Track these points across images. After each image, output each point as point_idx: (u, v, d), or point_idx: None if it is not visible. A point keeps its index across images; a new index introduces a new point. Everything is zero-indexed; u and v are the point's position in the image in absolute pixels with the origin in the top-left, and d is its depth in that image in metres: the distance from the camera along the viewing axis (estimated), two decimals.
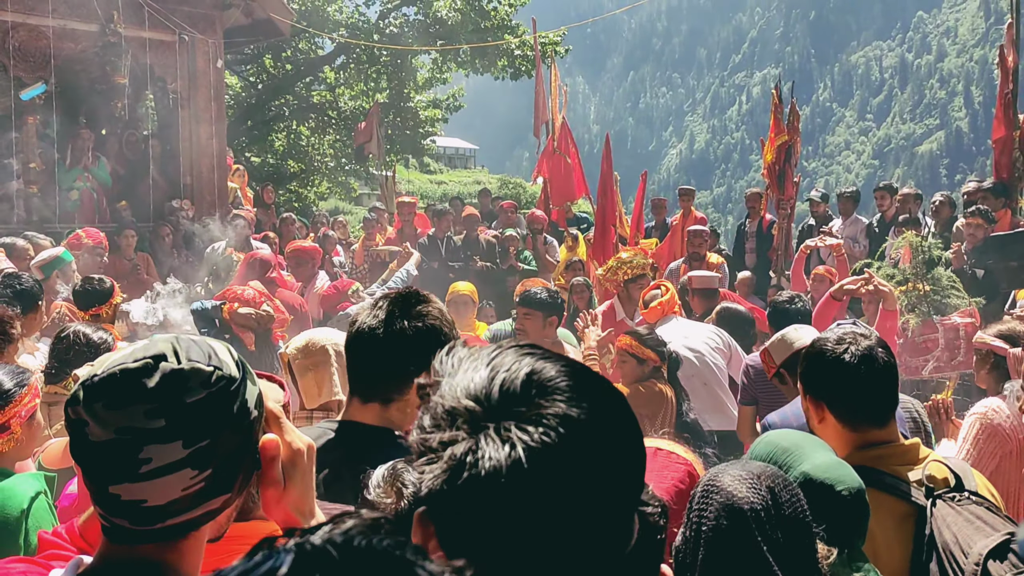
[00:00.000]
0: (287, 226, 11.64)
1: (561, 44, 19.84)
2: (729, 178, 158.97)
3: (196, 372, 1.28)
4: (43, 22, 10.60)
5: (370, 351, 2.31)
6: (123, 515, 1.28)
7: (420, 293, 2.39)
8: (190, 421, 1.26)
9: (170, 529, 1.29)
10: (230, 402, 1.31)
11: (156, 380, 1.26)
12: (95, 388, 1.27)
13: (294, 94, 21.38)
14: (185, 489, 1.27)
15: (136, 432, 1.24)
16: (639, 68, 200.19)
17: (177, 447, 1.25)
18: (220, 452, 1.29)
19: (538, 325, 5.32)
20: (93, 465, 1.28)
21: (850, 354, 2.46)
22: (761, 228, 11.60)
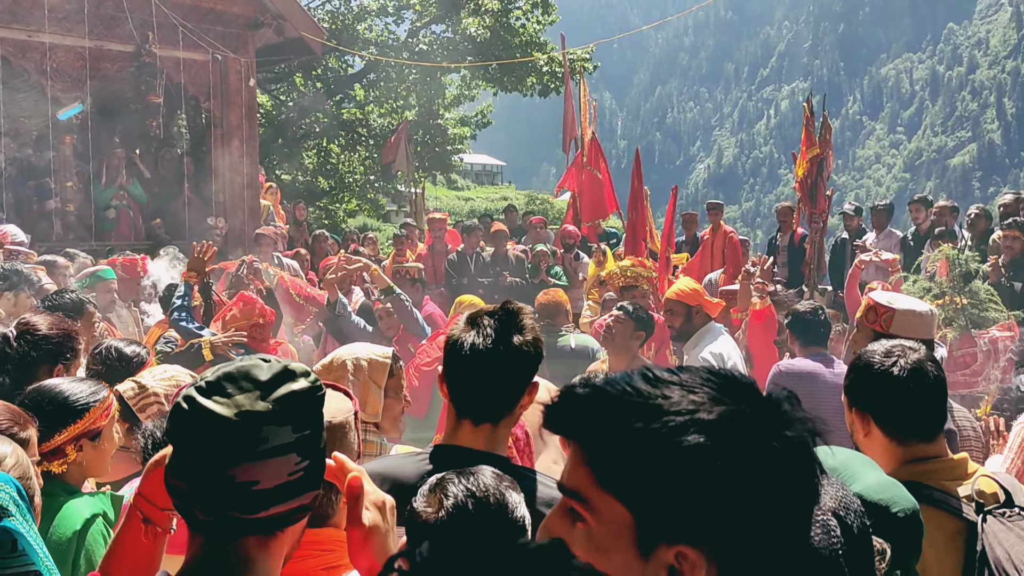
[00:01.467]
0: (319, 243, 11.70)
1: (589, 60, 19.88)
2: (758, 192, 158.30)
3: (298, 367, 1.47)
4: (80, 43, 10.77)
5: (486, 370, 2.26)
6: (232, 501, 1.39)
7: (521, 306, 2.35)
8: (296, 408, 1.43)
9: (271, 520, 1.42)
10: (321, 400, 1.48)
11: (267, 372, 1.43)
12: (213, 383, 1.42)
13: (324, 112, 21.57)
14: (290, 475, 1.41)
15: (254, 415, 1.39)
16: (666, 83, 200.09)
17: (287, 431, 1.41)
18: (316, 444, 1.46)
19: (626, 332, 5.42)
20: (211, 450, 1.39)
21: (899, 368, 2.42)
22: (793, 242, 11.53)
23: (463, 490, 1.88)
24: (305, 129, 21.52)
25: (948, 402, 2.60)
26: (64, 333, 3.37)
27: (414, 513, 1.89)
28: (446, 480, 1.92)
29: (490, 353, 2.24)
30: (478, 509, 1.86)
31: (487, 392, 2.28)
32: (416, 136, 19.50)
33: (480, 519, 1.85)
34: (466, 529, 1.83)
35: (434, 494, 1.90)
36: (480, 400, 2.30)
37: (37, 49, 10.57)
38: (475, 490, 1.89)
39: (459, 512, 1.85)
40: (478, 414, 2.30)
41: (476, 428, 2.29)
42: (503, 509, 1.89)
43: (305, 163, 21.98)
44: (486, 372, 2.25)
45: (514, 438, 3.13)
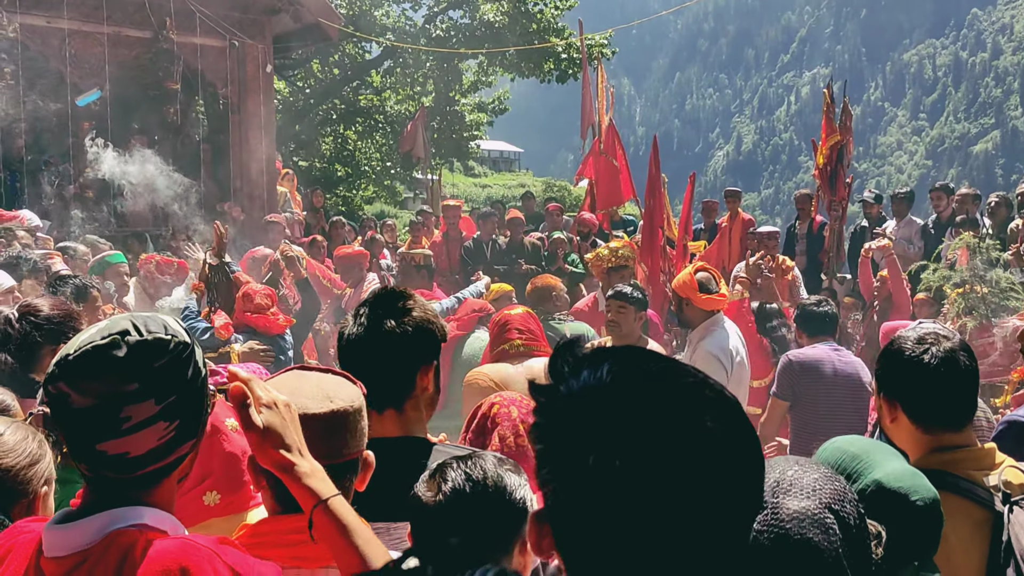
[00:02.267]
0: (336, 230, 11.71)
1: (608, 46, 19.77)
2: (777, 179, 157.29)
3: (157, 340, 1.51)
4: (98, 29, 10.80)
5: (364, 357, 2.32)
6: (109, 467, 1.50)
7: (402, 291, 2.43)
8: (158, 381, 1.49)
9: (149, 475, 1.53)
10: (187, 363, 1.54)
11: (124, 351, 1.47)
12: (72, 364, 1.47)
13: (341, 98, 21.55)
14: (160, 439, 1.50)
15: (115, 396, 1.46)
16: (685, 69, 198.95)
17: (150, 404, 1.48)
18: (184, 405, 1.53)
19: (630, 319, 5.52)
20: (79, 428, 1.49)
21: (931, 355, 2.39)
22: (811, 230, 11.43)
23: (461, 474, 1.93)
24: (322, 115, 21.53)
25: None
26: (65, 314, 3.40)
27: (415, 498, 1.94)
28: (445, 465, 1.97)
29: (362, 340, 2.32)
30: (476, 492, 1.90)
31: (374, 378, 2.29)
32: (433, 123, 19.47)
33: (478, 502, 1.89)
34: (464, 512, 1.88)
35: (433, 479, 1.95)
36: (371, 387, 2.30)
37: (56, 35, 10.61)
38: (473, 474, 1.93)
39: (457, 496, 1.90)
40: (376, 401, 2.33)
41: (381, 416, 2.34)
42: (501, 492, 1.93)
43: (322, 150, 22.00)
44: (364, 359, 2.31)
45: (526, 425, 3.14)
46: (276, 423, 1.62)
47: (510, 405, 3.15)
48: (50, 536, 1.52)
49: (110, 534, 1.49)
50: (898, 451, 2.11)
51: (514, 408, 3.15)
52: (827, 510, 1.52)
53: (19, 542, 1.61)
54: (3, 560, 1.59)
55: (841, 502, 1.55)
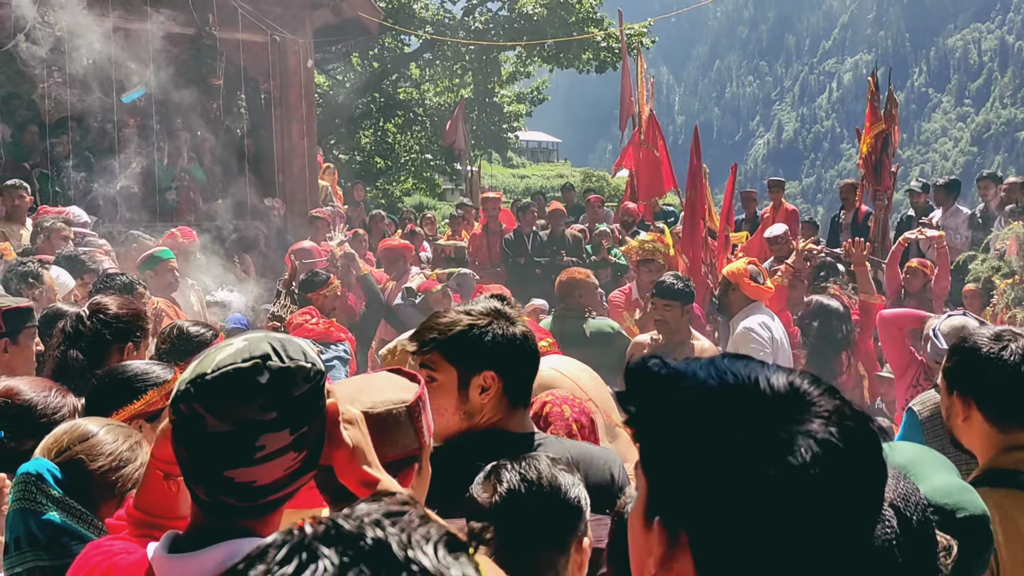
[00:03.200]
0: (377, 223, 11.77)
1: (647, 35, 19.66)
2: (819, 168, 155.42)
3: (300, 369, 1.46)
4: (143, 27, 10.93)
5: (528, 357, 2.47)
6: (232, 494, 1.45)
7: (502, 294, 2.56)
8: (296, 411, 1.45)
9: (268, 504, 1.49)
10: (322, 392, 1.51)
11: (267, 377, 1.42)
12: (210, 386, 1.42)
13: (381, 91, 21.64)
14: (287, 469, 1.46)
15: (252, 423, 1.41)
16: (725, 57, 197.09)
17: (285, 434, 1.44)
18: (313, 436, 1.50)
19: (677, 315, 5.43)
20: (209, 452, 1.44)
21: (1009, 352, 2.35)
22: (856, 220, 11.29)
23: (516, 475, 1.95)
24: (362, 109, 21.63)
25: None
26: (133, 313, 3.49)
27: (471, 499, 1.96)
28: (500, 466, 1.99)
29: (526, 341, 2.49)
30: (530, 493, 1.92)
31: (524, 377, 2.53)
32: (472, 114, 19.49)
33: (533, 502, 1.91)
34: (520, 512, 1.90)
35: (488, 480, 1.98)
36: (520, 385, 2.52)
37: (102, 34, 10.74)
38: (527, 474, 1.95)
39: (512, 496, 1.92)
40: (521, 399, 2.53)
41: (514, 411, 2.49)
42: (556, 491, 1.94)
43: (362, 143, 22.12)
44: (530, 360, 2.53)
45: (579, 425, 3.11)
46: (360, 440, 1.60)
47: (562, 404, 3.08)
48: (165, 565, 1.48)
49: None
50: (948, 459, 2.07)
51: (567, 407, 3.09)
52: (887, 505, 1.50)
53: (117, 565, 1.56)
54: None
55: (905, 501, 1.54)
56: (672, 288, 5.47)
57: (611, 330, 6.16)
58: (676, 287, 5.47)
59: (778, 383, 1.02)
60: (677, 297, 5.44)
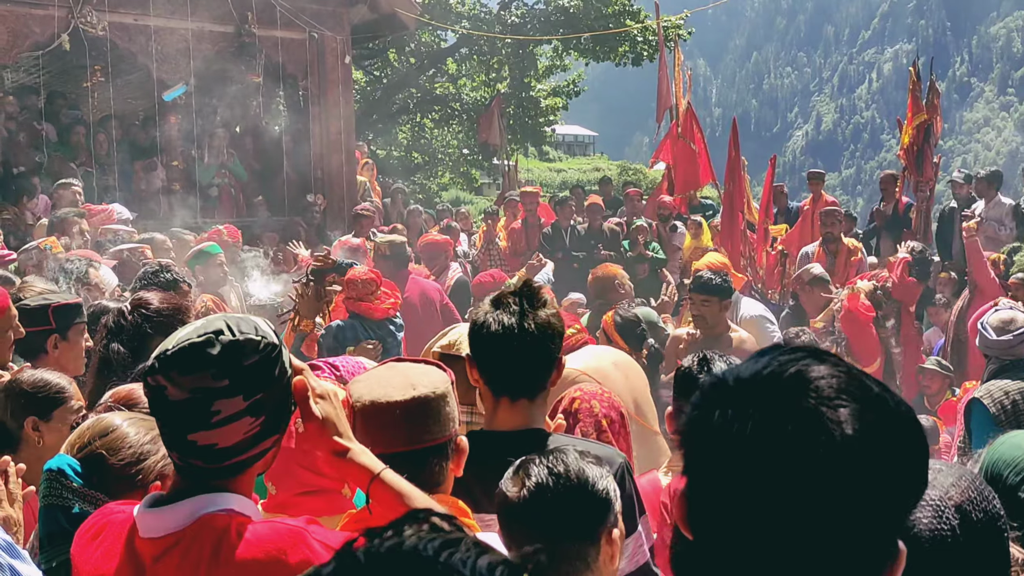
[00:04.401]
0: (413, 219, 11.83)
1: (683, 27, 19.54)
2: (859, 159, 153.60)
3: (248, 341, 1.61)
4: (183, 25, 11.06)
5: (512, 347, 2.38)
6: (198, 456, 1.61)
7: (538, 284, 2.50)
8: (247, 379, 1.60)
9: (235, 466, 1.64)
10: (275, 363, 1.64)
11: (218, 349, 1.59)
12: (170, 359, 1.59)
13: (418, 87, 21.70)
14: (246, 432, 1.61)
15: (207, 391, 1.58)
16: (763, 48, 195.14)
17: (239, 400, 1.59)
18: (270, 402, 1.63)
19: (715, 310, 5.42)
20: (173, 419, 1.62)
21: None
22: (897, 211, 11.17)
23: (544, 469, 1.98)
24: (399, 104, 21.71)
25: None
26: (174, 308, 3.55)
27: (500, 494, 2.00)
28: (528, 461, 2.03)
29: (515, 331, 2.36)
30: (559, 486, 1.95)
31: (522, 368, 2.41)
32: (509, 109, 19.49)
33: (562, 496, 1.95)
34: (549, 506, 1.94)
35: (517, 475, 2.01)
36: (516, 376, 2.43)
37: (143, 32, 10.89)
38: (555, 468, 1.98)
39: (541, 490, 1.95)
40: (515, 391, 2.44)
41: (513, 405, 2.43)
42: (584, 484, 1.97)
43: (399, 138, 22.20)
44: (519, 349, 2.37)
45: (608, 420, 3.11)
46: (331, 412, 1.74)
47: (591, 399, 3.12)
48: (144, 518, 1.65)
49: (201, 517, 1.61)
50: None
51: (596, 402, 3.11)
52: (951, 503, 1.49)
53: (111, 521, 1.73)
54: (97, 537, 1.72)
55: (974, 505, 1.51)
56: (710, 283, 5.45)
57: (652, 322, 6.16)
58: (714, 282, 5.45)
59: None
60: (715, 292, 5.42)
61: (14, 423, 2.83)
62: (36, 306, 3.62)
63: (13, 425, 2.83)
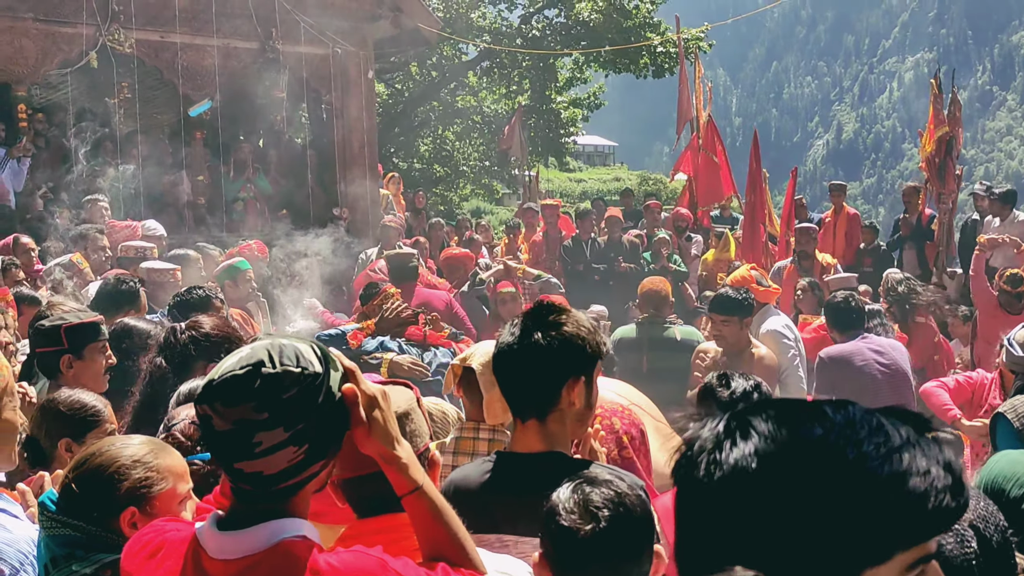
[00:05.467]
0: (435, 232, 11.90)
1: (704, 39, 19.57)
2: (880, 168, 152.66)
3: (287, 374, 1.63)
4: (208, 42, 11.19)
5: (511, 366, 2.41)
6: (247, 482, 1.66)
7: (555, 305, 2.48)
8: (287, 412, 1.62)
9: (282, 491, 1.67)
10: (317, 392, 1.65)
11: (258, 383, 1.61)
12: (215, 390, 1.63)
13: (439, 100, 21.81)
14: (290, 461, 1.63)
15: (248, 423, 1.61)
16: (783, 58, 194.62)
17: (279, 432, 1.61)
18: (313, 431, 1.64)
19: (735, 329, 5.39)
20: (219, 448, 1.67)
21: None
22: (920, 223, 11.14)
23: (599, 493, 1.97)
24: (421, 117, 21.82)
25: None
26: (224, 336, 3.63)
27: (553, 513, 1.97)
28: (581, 483, 2.01)
29: (511, 350, 2.39)
30: (617, 508, 1.95)
31: (519, 387, 2.42)
32: (529, 121, 19.57)
33: (620, 517, 1.94)
34: (604, 528, 1.92)
35: (573, 497, 1.98)
36: (516, 395, 2.45)
37: (168, 49, 11.03)
38: (609, 490, 1.97)
39: (599, 512, 1.94)
40: (520, 410, 2.44)
41: (524, 425, 2.43)
42: (637, 505, 1.98)
43: (420, 151, 22.32)
44: (511, 369, 2.41)
45: (629, 437, 3.11)
46: (379, 417, 1.75)
47: (611, 416, 3.08)
48: (215, 539, 1.69)
49: (280, 543, 1.65)
50: None
51: (616, 419, 3.09)
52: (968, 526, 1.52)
53: (169, 539, 1.77)
54: (155, 555, 1.75)
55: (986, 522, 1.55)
56: (729, 302, 5.41)
57: (699, 340, 6.19)
58: (732, 301, 5.40)
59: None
60: (734, 311, 5.38)
61: (48, 442, 2.89)
62: (49, 326, 3.68)
63: (47, 444, 2.89)
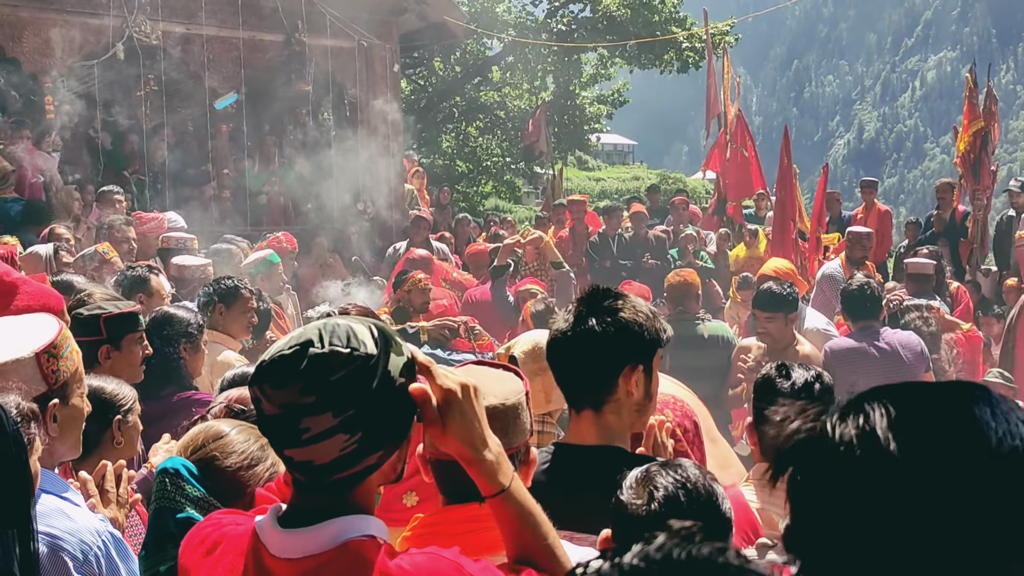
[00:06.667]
0: (462, 227, 11.82)
1: (730, 34, 19.42)
2: (901, 168, 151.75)
3: (335, 355, 1.48)
4: (234, 34, 11.16)
5: (566, 354, 2.29)
6: (299, 472, 1.54)
7: (611, 290, 2.35)
8: (335, 395, 1.47)
9: (339, 483, 1.53)
10: (370, 376, 1.50)
11: (305, 364, 1.48)
12: (263, 371, 1.51)
13: (463, 95, 21.76)
14: (342, 450, 1.49)
15: (295, 407, 1.47)
16: (804, 56, 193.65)
17: (328, 417, 1.47)
18: (367, 418, 1.49)
19: (781, 325, 5.28)
20: (270, 434, 1.55)
21: None
22: (954, 220, 10.97)
23: (672, 481, 1.88)
24: (444, 113, 21.78)
25: None
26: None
27: (622, 506, 1.89)
28: (652, 472, 1.92)
29: (566, 337, 2.27)
30: (689, 501, 1.85)
31: (573, 375, 2.31)
32: (553, 117, 19.48)
33: (691, 511, 1.83)
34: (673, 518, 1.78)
35: (643, 487, 1.89)
36: (571, 385, 2.33)
37: (195, 42, 11.01)
38: (684, 481, 1.88)
39: (670, 504, 1.84)
40: (575, 400, 2.33)
41: (579, 416, 2.32)
42: (713, 501, 1.88)
43: (443, 146, 22.27)
44: (566, 357, 2.29)
45: (683, 429, 3.02)
46: (459, 416, 1.59)
47: (663, 408, 2.95)
48: (277, 537, 1.56)
49: (347, 543, 1.53)
50: None
51: (668, 411, 2.96)
52: None
53: (227, 535, 1.65)
54: (213, 551, 1.64)
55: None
56: (774, 297, 5.30)
57: (728, 336, 6.04)
58: (777, 296, 5.29)
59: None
60: (780, 307, 5.27)
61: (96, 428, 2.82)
62: (88, 315, 3.59)
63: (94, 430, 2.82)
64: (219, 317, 4.86)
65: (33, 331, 2.49)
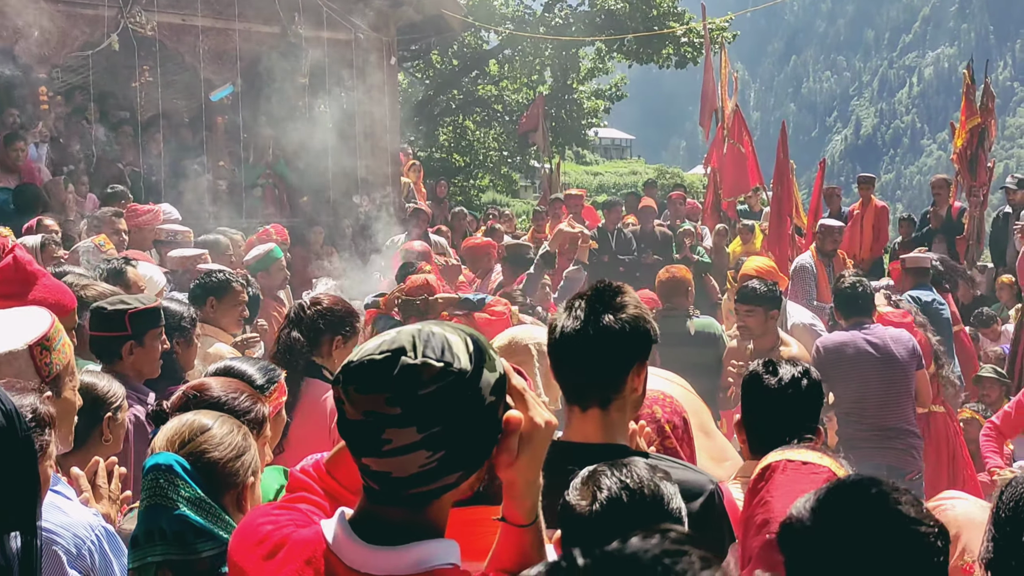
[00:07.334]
0: (459, 221, 11.80)
1: (729, 30, 19.40)
2: (898, 164, 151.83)
3: (427, 367, 1.41)
4: (230, 25, 11.10)
5: (577, 351, 2.25)
6: (374, 480, 1.47)
7: (613, 285, 2.32)
8: (423, 410, 1.40)
9: (414, 497, 1.46)
10: (460, 393, 1.43)
11: (395, 372, 1.41)
12: (351, 373, 1.44)
13: (460, 88, 21.72)
14: (421, 467, 1.42)
15: (378, 416, 1.41)
16: (801, 52, 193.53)
17: (412, 432, 1.40)
18: (452, 436, 1.42)
19: (760, 320, 5.27)
20: (349, 439, 1.47)
21: None
22: (949, 216, 10.97)
23: (616, 482, 1.85)
24: (441, 106, 21.73)
25: None
26: (346, 310, 4.01)
27: (568, 506, 1.87)
28: (599, 472, 1.89)
29: (577, 334, 2.22)
30: (632, 501, 1.82)
31: (583, 375, 2.27)
32: (551, 111, 19.45)
33: (634, 511, 1.81)
34: (621, 522, 1.78)
35: (587, 486, 1.87)
36: (580, 383, 2.29)
37: (190, 33, 10.95)
38: (629, 482, 1.85)
39: (613, 504, 1.82)
40: (582, 398, 2.29)
41: (584, 414, 2.29)
42: (658, 501, 1.85)
43: (440, 140, 22.23)
44: (576, 354, 2.24)
45: (672, 426, 3.00)
46: (532, 453, 1.53)
47: (652, 404, 2.95)
48: (358, 551, 1.50)
49: (431, 570, 1.47)
50: None
51: (657, 408, 2.96)
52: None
53: (292, 539, 1.58)
54: (275, 554, 1.57)
55: None
56: (754, 293, 5.31)
57: (715, 332, 6.03)
58: (758, 292, 5.31)
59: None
60: (759, 302, 5.28)
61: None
62: (112, 310, 3.57)
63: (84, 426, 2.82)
64: (210, 310, 4.84)
65: (26, 324, 2.48)
